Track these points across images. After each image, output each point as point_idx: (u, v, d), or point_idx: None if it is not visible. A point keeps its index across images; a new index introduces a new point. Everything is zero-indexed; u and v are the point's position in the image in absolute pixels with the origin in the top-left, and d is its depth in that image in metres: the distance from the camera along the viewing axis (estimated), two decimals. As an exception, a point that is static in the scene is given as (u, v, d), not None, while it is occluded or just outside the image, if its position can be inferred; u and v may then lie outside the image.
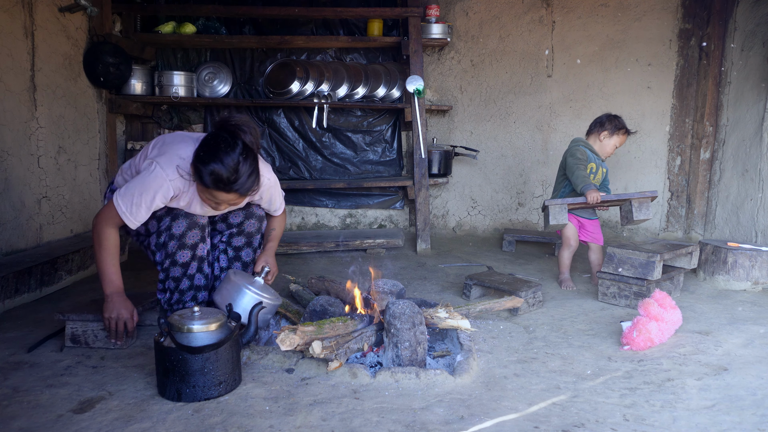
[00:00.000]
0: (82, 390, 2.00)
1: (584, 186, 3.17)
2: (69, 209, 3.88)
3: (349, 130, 5.03)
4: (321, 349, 2.02)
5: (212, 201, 2.22)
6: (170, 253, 2.38)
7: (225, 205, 2.26)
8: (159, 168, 2.23)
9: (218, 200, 2.19)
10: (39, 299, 3.10)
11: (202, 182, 2.12)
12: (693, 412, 1.89)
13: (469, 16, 4.92)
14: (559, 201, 3.20)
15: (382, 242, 4.37)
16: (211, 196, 2.17)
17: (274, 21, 4.84)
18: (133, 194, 2.22)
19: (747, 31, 4.32)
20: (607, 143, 3.46)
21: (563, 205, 3.20)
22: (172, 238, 2.36)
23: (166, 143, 2.33)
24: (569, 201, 3.22)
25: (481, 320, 2.79)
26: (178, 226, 2.36)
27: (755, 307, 3.07)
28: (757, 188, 4.01)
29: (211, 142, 2.11)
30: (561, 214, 3.18)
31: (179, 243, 2.37)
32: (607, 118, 3.47)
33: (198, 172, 2.11)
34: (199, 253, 2.44)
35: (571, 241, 3.44)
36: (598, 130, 3.47)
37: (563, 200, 3.22)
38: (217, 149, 2.08)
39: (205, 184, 2.12)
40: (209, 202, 2.24)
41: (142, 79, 4.56)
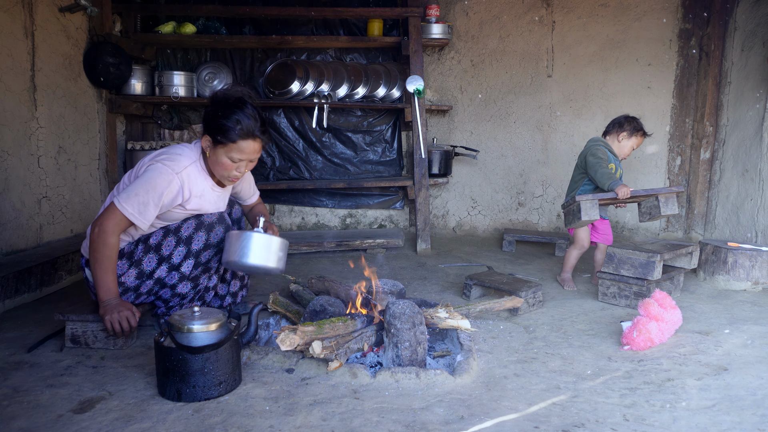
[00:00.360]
0: (82, 390, 2.00)
1: (613, 182, 3.15)
2: (69, 209, 3.88)
3: (349, 130, 5.03)
4: (321, 349, 2.02)
5: (234, 164, 2.25)
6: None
7: (246, 165, 2.29)
8: (162, 164, 2.22)
9: (243, 156, 2.24)
10: (39, 299, 3.10)
11: (228, 137, 2.19)
12: (693, 412, 1.89)
13: (469, 16, 4.92)
14: (590, 196, 3.15)
15: (382, 242, 4.37)
16: (236, 154, 2.22)
17: (274, 21, 4.84)
18: (138, 194, 2.18)
19: (747, 31, 4.32)
20: (626, 144, 3.45)
21: (594, 201, 3.15)
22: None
23: (159, 152, 2.31)
24: (600, 196, 3.17)
25: (481, 320, 2.79)
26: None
27: (755, 307, 3.06)
28: (757, 188, 4.01)
29: (223, 103, 2.20)
30: (593, 210, 3.14)
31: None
32: (626, 119, 3.46)
33: (221, 129, 2.19)
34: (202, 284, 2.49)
35: (584, 242, 3.44)
36: (617, 131, 3.46)
37: (594, 196, 3.16)
38: (233, 106, 2.20)
39: (231, 138, 2.19)
40: (230, 167, 2.27)
41: (142, 79, 4.56)
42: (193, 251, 2.37)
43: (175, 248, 2.35)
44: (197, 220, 2.37)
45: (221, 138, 2.21)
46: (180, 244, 2.35)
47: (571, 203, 3.23)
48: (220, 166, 2.28)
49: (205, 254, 2.39)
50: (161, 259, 2.36)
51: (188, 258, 2.37)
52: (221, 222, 2.39)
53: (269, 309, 2.74)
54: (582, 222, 3.19)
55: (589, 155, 3.34)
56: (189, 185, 2.30)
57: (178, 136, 4.96)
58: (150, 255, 2.36)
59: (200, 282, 2.47)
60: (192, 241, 2.35)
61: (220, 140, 2.22)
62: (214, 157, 2.28)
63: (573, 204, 3.22)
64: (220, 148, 2.24)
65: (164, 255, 2.36)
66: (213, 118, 2.22)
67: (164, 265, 2.37)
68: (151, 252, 2.36)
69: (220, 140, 2.22)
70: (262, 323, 2.63)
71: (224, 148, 2.23)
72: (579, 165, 3.47)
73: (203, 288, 2.50)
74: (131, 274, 2.37)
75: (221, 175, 2.32)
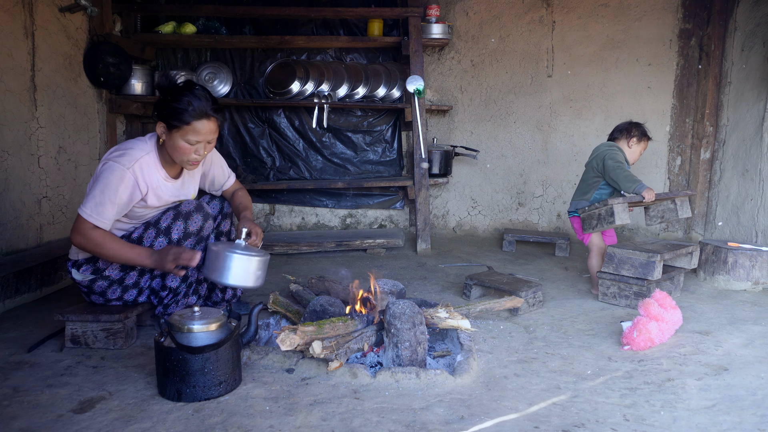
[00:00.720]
0: (83, 390, 2.00)
1: (639, 185, 3.12)
2: (69, 209, 3.88)
3: (350, 130, 5.03)
4: (321, 349, 2.02)
5: (192, 147, 2.25)
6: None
7: (204, 147, 2.28)
8: (113, 162, 2.22)
9: (200, 138, 2.24)
10: (39, 299, 3.10)
11: (182, 119, 2.19)
12: (693, 412, 1.89)
13: (469, 16, 4.92)
14: (621, 200, 3.12)
15: (382, 242, 4.37)
16: (192, 136, 2.22)
17: (274, 21, 4.84)
18: (94, 196, 2.19)
19: (747, 31, 4.32)
20: (635, 149, 3.44)
21: (625, 205, 3.14)
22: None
23: (112, 149, 2.30)
24: (630, 199, 3.16)
25: (481, 320, 2.79)
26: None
27: (755, 307, 3.07)
28: (757, 188, 4.01)
29: (172, 88, 2.23)
30: (624, 213, 3.12)
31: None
32: (633, 125, 3.44)
33: (174, 112, 2.19)
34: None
35: (601, 244, 3.41)
36: (626, 137, 3.43)
37: (623, 199, 3.13)
38: (183, 89, 2.22)
39: (185, 120, 2.19)
40: (188, 151, 2.25)
41: (143, 79, 4.56)
42: (173, 241, 2.37)
43: (155, 239, 2.37)
44: (175, 210, 2.38)
45: (175, 122, 2.21)
46: (160, 236, 2.37)
47: (598, 207, 3.15)
48: (179, 151, 2.26)
49: (186, 244, 2.39)
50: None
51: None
52: (199, 210, 2.39)
53: (269, 309, 2.74)
54: (613, 226, 3.15)
55: (607, 159, 3.27)
56: (144, 178, 2.28)
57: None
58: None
59: (190, 274, 2.47)
60: (171, 231, 2.36)
61: (174, 124, 2.21)
62: (171, 142, 2.26)
63: (601, 208, 3.14)
64: (175, 133, 2.23)
65: (145, 246, 2.37)
66: (164, 103, 2.22)
67: None
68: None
69: (174, 124, 2.21)
70: (262, 323, 2.63)
71: (179, 131, 2.22)
72: (594, 168, 3.38)
73: (194, 280, 2.50)
74: (115, 266, 2.38)
75: (181, 159, 2.30)
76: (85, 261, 2.39)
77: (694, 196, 3.22)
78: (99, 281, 2.40)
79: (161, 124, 2.25)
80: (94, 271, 2.39)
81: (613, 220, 3.07)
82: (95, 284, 2.41)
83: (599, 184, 3.37)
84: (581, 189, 3.47)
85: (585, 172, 3.48)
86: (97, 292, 2.43)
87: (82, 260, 2.39)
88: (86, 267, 2.39)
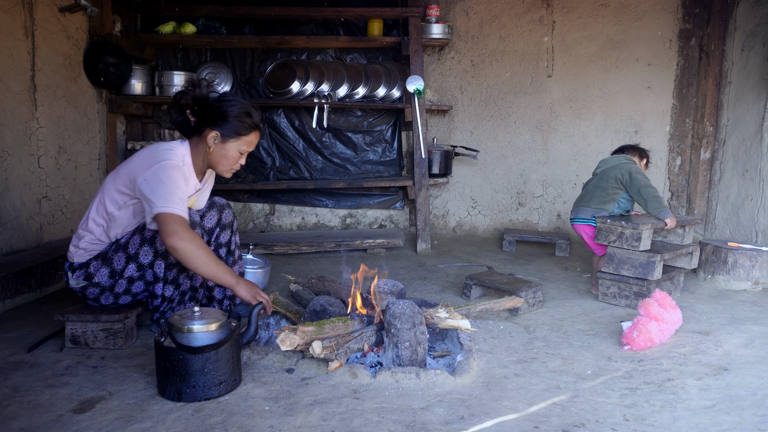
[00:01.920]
0: (83, 390, 2.00)
1: (665, 211, 3.16)
2: (69, 209, 3.88)
3: (349, 130, 5.03)
4: (321, 349, 2.02)
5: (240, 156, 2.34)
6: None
7: (245, 157, 2.39)
8: (165, 161, 2.20)
9: (250, 148, 2.35)
10: (39, 299, 3.10)
11: (241, 130, 2.28)
12: (693, 412, 1.89)
13: (469, 16, 4.92)
14: (649, 226, 3.09)
15: (382, 242, 4.37)
16: (246, 146, 2.32)
17: (274, 21, 4.84)
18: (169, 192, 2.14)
19: (747, 31, 4.32)
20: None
21: (651, 231, 3.15)
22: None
23: (155, 154, 2.27)
24: (656, 226, 3.16)
25: (481, 320, 2.79)
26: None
27: (755, 307, 3.07)
28: (757, 188, 4.01)
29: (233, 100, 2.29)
30: (649, 240, 3.14)
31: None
32: (643, 150, 3.51)
33: (234, 123, 2.26)
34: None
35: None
36: (639, 158, 3.46)
37: (651, 226, 3.11)
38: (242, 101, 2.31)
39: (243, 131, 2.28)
40: (236, 159, 2.34)
41: (143, 79, 4.56)
42: (159, 251, 2.33)
43: (140, 247, 2.33)
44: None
45: (233, 132, 2.28)
46: (145, 244, 2.33)
47: (624, 227, 3.09)
48: (228, 159, 2.32)
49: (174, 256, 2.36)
50: (128, 257, 2.35)
51: (157, 259, 2.34)
52: (194, 226, 2.36)
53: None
54: (631, 248, 3.10)
55: (636, 173, 3.21)
56: (186, 177, 2.31)
57: (178, 136, 4.94)
58: (119, 254, 2.35)
59: (181, 283, 2.43)
60: (156, 241, 2.31)
61: (231, 134, 2.28)
62: (221, 150, 2.30)
63: (626, 229, 3.09)
64: (231, 142, 2.30)
65: (131, 254, 2.34)
66: (223, 112, 2.26)
67: (132, 264, 2.35)
68: (120, 251, 2.36)
69: (231, 134, 2.28)
70: (262, 323, 2.63)
71: (236, 141, 2.30)
72: (618, 179, 3.28)
73: (188, 288, 2.47)
74: (104, 272, 2.36)
75: (224, 167, 2.35)
76: (79, 266, 2.37)
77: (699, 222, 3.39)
78: (90, 288, 2.38)
79: (213, 132, 2.28)
80: (86, 277, 2.37)
81: (638, 246, 3.05)
82: (87, 290, 2.39)
83: (620, 195, 3.31)
84: (600, 198, 3.33)
85: (603, 180, 3.35)
86: (90, 298, 2.42)
87: (76, 264, 2.38)
88: (79, 273, 2.37)
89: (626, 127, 4.97)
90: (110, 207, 2.32)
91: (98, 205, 2.35)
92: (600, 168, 3.43)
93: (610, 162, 3.40)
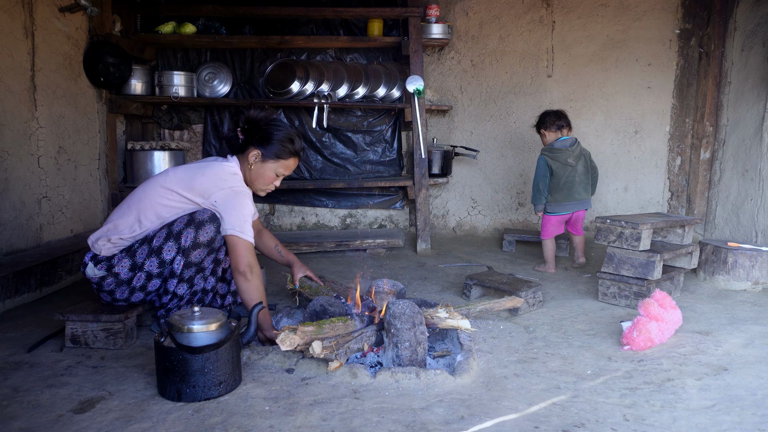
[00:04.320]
0: (83, 390, 2.00)
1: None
2: (69, 209, 3.88)
3: (349, 130, 5.03)
4: (321, 349, 2.02)
5: (277, 178, 2.49)
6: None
7: (280, 179, 2.54)
8: (239, 187, 2.37)
9: (287, 172, 2.50)
10: (39, 299, 3.10)
11: (282, 154, 2.42)
12: (693, 412, 1.89)
13: (469, 16, 4.92)
14: (649, 226, 3.09)
15: (382, 242, 4.37)
16: (283, 169, 2.47)
17: (274, 21, 4.83)
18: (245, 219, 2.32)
19: (747, 31, 4.32)
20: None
21: (651, 231, 3.18)
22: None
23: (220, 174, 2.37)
24: (655, 226, 3.21)
25: (481, 320, 2.79)
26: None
27: (755, 307, 3.07)
28: (757, 188, 4.01)
29: (279, 124, 2.44)
30: (649, 240, 3.17)
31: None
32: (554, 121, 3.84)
33: (277, 146, 2.41)
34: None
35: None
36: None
37: (651, 225, 3.12)
38: (287, 127, 2.46)
39: (284, 155, 2.43)
40: (272, 180, 2.48)
41: (143, 79, 4.56)
42: (183, 248, 2.35)
43: (165, 242, 2.36)
44: (189, 216, 2.37)
45: (274, 154, 2.42)
46: (170, 239, 2.36)
47: (624, 227, 3.08)
48: (265, 179, 2.46)
49: (195, 254, 2.38)
50: (151, 251, 2.37)
51: (178, 255, 2.37)
52: (213, 221, 2.38)
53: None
54: (631, 248, 3.08)
55: (592, 158, 3.54)
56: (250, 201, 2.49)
57: (178, 136, 4.96)
58: (143, 247, 2.38)
59: (195, 283, 2.45)
60: (181, 237, 2.35)
61: (272, 156, 2.42)
62: (260, 170, 2.44)
63: (626, 229, 3.08)
64: (270, 163, 2.43)
65: (154, 247, 2.37)
66: (269, 135, 2.41)
67: (154, 259, 2.37)
68: (145, 244, 2.38)
69: (272, 156, 2.42)
70: (262, 323, 2.63)
71: (275, 163, 2.43)
72: (591, 167, 3.74)
73: (200, 290, 2.49)
74: (125, 264, 2.38)
75: (259, 186, 2.49)
76: (106, 258, 2.39)
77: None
78: (109, 278, 2.39)
79: (256, 150, 2.40)
80: (107, 268, 2.39)
81: (638, 245, 3.06)
82: (105, 281, 2.40)
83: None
84: (586, 188, 3.80)
85: (584, 168, 3.77)
86: (105, 290, 2.42)
87: (102, 257, 2.39)
88: (102, 264, 2.39)
89: (626, 127, 4.97)
90: (165, 213, 2.38)
91: (146, 211, 2.38)
92: (573, 158, 3.71)
93: (578, 150, 3.73)
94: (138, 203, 2.40)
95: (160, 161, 4.40)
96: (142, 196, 2.41)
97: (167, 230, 2.37)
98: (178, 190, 2.36)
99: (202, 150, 4.98)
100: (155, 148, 4.40)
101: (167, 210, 2.37)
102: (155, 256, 2.36)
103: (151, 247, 2.37)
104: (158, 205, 2.38)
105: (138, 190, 2.46)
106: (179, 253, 2.36)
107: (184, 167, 2.46)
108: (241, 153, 2.45)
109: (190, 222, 2.35)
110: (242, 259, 2.29)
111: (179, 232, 2.35)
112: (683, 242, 3.33)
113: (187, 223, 2.35)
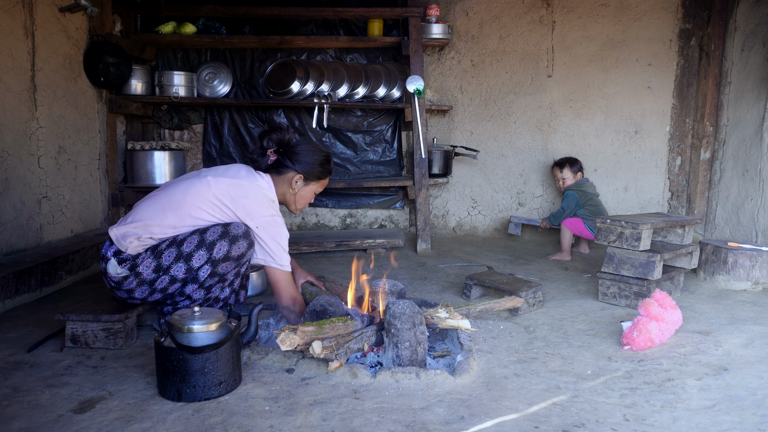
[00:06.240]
0: (83, 390, 2.00)
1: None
2: (69, 209, 3.88)
3: (350, 130, 5.03)
4: (321, 349, 2.02)
5: (313, 196, 2.63)
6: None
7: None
8: (278, 217, 2.45)
9: (320, 190, 2.65)
10: (39, 299, 3.10)
11: (322, 175, 2.56)
12: (693, 412, 1.89)
13: (469, 16, 4.92)
14: (649, 225, 3.14)
15: (382, 242, 4.37)
16: (320, 188, 2.63)
17: (274, 21, 4.84)
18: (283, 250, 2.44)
19: (747, 31, 4.32)
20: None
21: (651, 230, 3.23)
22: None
23: (259, 195, 2.41)
24: (656, 226, 3.25)
25: (481, 320, 2.79)
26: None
27: (755, 307, 3.07)
28: (758, 188, 4.01)
29: (318, 148, 2.56)
30: (649, 240, 3.22)
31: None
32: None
33: (318, 170, 2.53)
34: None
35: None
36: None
37: (651, 225, 3.17)
38: (323, 151, 2.58)
39: (322, 176, 2.58)
40: (310, 199, 2.63)
41: (143, 79, 4.56)
42: (213, 258, 2.34)
43: (196, 249, 2.33)
44: (224, 227, 2.34)
45: (315, 177, 2.55)
46: (202, 247, 2.33)
47: (624, 227, 3.13)
48: (305, 199, 2.60)
49: (223, 266, 2.37)
50: (179, 255, 2.34)
51: (206, 264, 2.35)
52: (246, 237, 2.37)
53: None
54: (630, 249, 3.16)
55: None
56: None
57: (178, 136, 4.96)
58: (171, 249, 2.34)
59: (213, 292, 2.45)
60: (214, 248, 2.33)
61: (313, 179, 2.55)
62: (302, 192, 2.56)
63: (626, 229, 3.13)
64: (312, 185, 2.58)
65: (184, 252, 2.33)
66: (307, 159, 2.51)
67: (182, 264, 2.34)
68: (173, 246, 2.34)
69: (313, 179, 2.55)
70: (262, 323, 2.63)
71: (315, 184, 2.58)
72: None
73: (214, 298, 2.48)
74: (149, 264, 2.34)
75: (301, 206, 2.62)
76: (131, 258, 2.35)
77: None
78: (131, 278, 2.36)
79: (298, 175, 2.51)
80: (131, 268, 2.35)
81: (638, 246, 3.07)
82: (126, 280, 2.36)
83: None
84: (599, 209, 4.39)
85: (591, 200, 4.36)
86: (124, 288, 2.39)
87: (128, 255, 2.35)
88: (127, 263, 2.35)
89: (626, 127, 4.97)
90: (203, 223, 2.37)
91: (185, 218, 2.35)
92: (593, 189, 4.47)
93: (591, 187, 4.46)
94: (177, 209, 2.34)
95: (160, 161, 4.40)
96: (181, 202, 2.34)
97: (199, 237, 2.33)
98: (226, 203, 2.35)
99: (202, 150, 4.98)
100: (155, 148, 4.40)
101: (206, 221, 2.37)
102: (184, 261, 2.34)
103: (180, 251, 2.33)
104: (199, 214, 2.35)
105: (172, 191, 2.39)
106: (208, 262, 2.34)
107: (223, 179, 2.39)
108: (277, 174, 2.49)
109: (224, 234, 2.33)
110: (285, 294, 2.47)
111: (212, 242, 2.32)
112: (683, 242, 3.33)
113: (221, 235, 2.33)
